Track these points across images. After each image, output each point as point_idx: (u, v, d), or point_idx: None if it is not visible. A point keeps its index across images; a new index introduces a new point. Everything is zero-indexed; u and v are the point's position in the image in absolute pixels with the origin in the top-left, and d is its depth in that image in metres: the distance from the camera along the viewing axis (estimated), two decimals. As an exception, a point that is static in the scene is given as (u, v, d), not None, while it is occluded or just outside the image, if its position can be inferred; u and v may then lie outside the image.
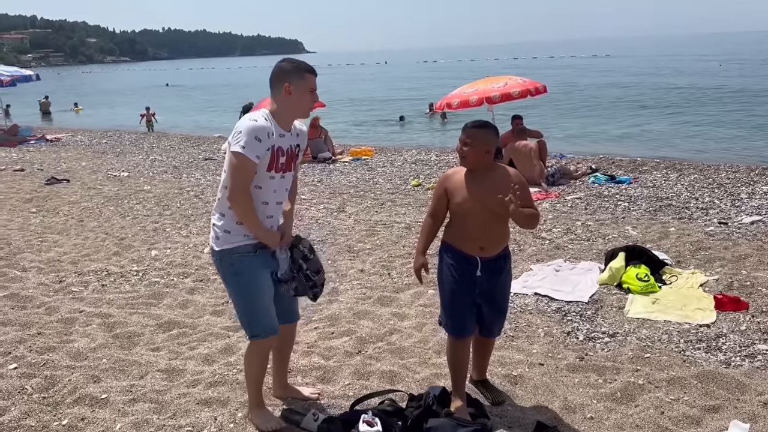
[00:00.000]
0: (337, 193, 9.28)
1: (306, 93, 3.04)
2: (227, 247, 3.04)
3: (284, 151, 3.05)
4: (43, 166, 12.60)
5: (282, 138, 3.03)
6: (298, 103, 3.04)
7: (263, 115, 2.98)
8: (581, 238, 6.66)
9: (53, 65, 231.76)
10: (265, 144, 2.91)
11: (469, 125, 3.18)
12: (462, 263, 3.23)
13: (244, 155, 2.87)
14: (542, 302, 4.97)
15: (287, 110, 3.04)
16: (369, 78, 58.01)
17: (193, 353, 4.14)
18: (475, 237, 3.18)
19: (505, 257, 3.32)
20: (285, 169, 3.09)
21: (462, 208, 3.17)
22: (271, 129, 2.95)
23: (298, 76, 3.01)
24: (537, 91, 10.08)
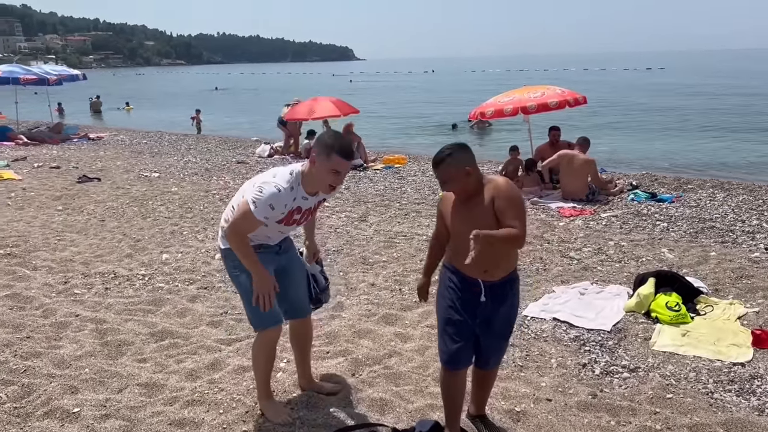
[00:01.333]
0: (361, 201, 9.03)
1: (327, 172, 2.95)
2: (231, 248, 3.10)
3: (303, 210, 3.10)
4: (79, 164, 12.74)
5: (305, 200, 3.07)
6: (318, 176, 2.99)
7: (293, 184, 2.98)
8: (612, 259, 6.23)
9: (112, 66, 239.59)
10: (278, 212, 2.97)
11: (436, 161, 2.86)
12: (464, 287, 2.94)
13: (253, 213, 2.92)
14: (560, 329, 4.59)
15: (311, 179, 3.02)
16: (412, 86, 57.82)
17: (179, 367, 3.92)
18: (475, 260, 2.84)
19: (512, 282, 3.00)
20: (299, 221, 3.16)
21: (456, 230, 2.92)
22: (290, 199, 2.98)
23: (326, 153, 2.92)
24: (576, 102, 9.66)
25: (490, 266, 2.87)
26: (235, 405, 3.44)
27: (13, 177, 10.99)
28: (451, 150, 2.83)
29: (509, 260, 2.97)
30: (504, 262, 2.93)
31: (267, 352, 3.26)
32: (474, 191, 2.85)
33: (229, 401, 3.48)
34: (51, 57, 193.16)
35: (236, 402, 3.47)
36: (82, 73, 19.69)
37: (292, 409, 3.42)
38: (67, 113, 27.89)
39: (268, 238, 3.17)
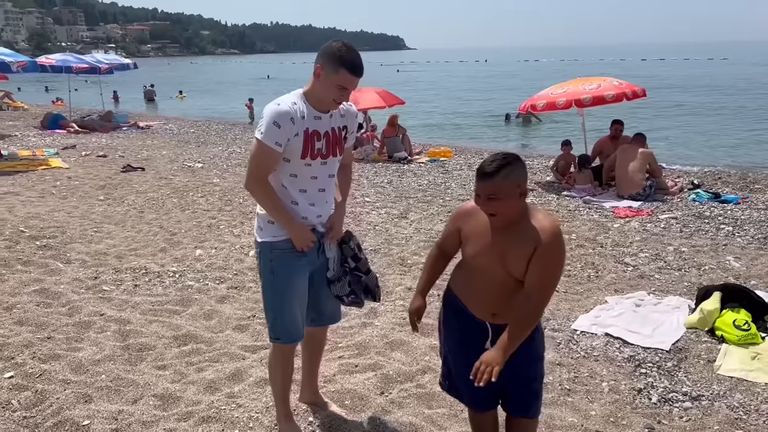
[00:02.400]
0: (403, 197, 8.70)
1: (332, 87, 2.65)
2: (268, 240, 2.82)
3: (321, 134, 2.74)
4: (126, 153, 12.80)
5: (318, 120, 2.73)
6: (322, 91, 2.68)
7: (294, 98, 2.70)
8: (671, 267, 5.74)
9: (169, 55, 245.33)
10: (287, 130, 2.62)
11: (488, 171, 2.22)
12: (468, 327, 2.48)
13: (262, 142, 2.62)
14: (613, 346, 4.18)
15: (315, 92, 2.71)
16: (463, 76, 56.90)
17: (199, 376, 3.70)
18: (486, 299, 2.41)
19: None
20: (327, 154, 2.79)
21: (476, 262, 2.41)
22: (297, 113, 2.65)
23: (333, 66, 2.61)
24: (634, 95, 9.07)
25: (500, 309, 2.39)
26: (252, 425, 3.18)
27: (60, 165, 11.09)
28: (507, 159, 2.23)
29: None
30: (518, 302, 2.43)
31: (283, 366, 2.99)
32: (515, 220, 2.30)
33: (246, 420, 3.22)
34: (111, 46, 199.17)
35: (254, 421, 3.21)
36: (133, 62, 19.91)
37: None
38: (122, 101, 28.45)
39: (303, 194, 2.76)
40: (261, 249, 2.84)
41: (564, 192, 8.93)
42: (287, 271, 2.80)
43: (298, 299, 2.85)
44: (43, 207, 8.09)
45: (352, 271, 2.96)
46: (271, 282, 2.83)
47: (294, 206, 2.78)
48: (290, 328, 2.87)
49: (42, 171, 10.61)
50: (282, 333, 2.88)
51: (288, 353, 2.97)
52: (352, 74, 2.61)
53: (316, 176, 2.79)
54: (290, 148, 2.66)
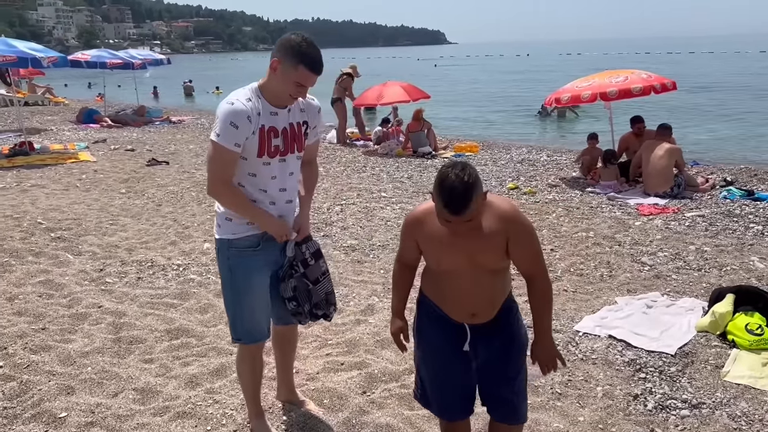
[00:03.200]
0: (420, 193, 8.57)
1: (289, 82, 2.53)
2: (226, 237, 2.73)
3: (278, 131, 2.63)
4: (153, 147, 12.97)
5: (274, 116, 2.62)
6: (278, 86, 2.56)
7: (247, 93, 2.58)
8: (691, 267, 5.48)
9: (212, 51, 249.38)
10: (245, 129, 2.51)
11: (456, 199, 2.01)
12: (445, 330, 2.36)
13: (220, 144, 2.50)
14: (614, 349, 4.00)
15: (271, 86, 2.59)
16: (501, 70, 56.18)
17: (183, 371, 3.67)
18: (463, 301, 2.28)
19: (505, 313, 2.35)
20: (285, 151, 2.68)
21: (443, 267, 2.27)
22: (252, 110, 2.53)
23: (291, 61, 2.49)
24: (663, 88, 8.73)
25: (479, 308, 2.29)
26: (225, 421, 3.13)
27: (88, 159, 11.30)
28: (468, 175, 2.03)
29: (504, 291, 2.36)
30: (499, 297, 2.33)
31: (250, 366, 2.91)
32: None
33: (220, 416, 3.17)
34: (156, 42, 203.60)
35: (227, 418, 3.16)
36: (167, 58, 20.20)
37: (285, 430, 3.06)
38: (162, 97, 28.95)
39: (263, 193, 2.65)
40: (219, 246, 2.76)
41: (588, 188, 8.67)
42: (245, 270, 2.71)
43: (258, 298, 2.76)
44: (65, 199, 8.23)
45: (301, 277, 2.78)
46: (229, 280, 2.75)
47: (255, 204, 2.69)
48: (251, 328, 2.78)
49: (70, 164, 10.83)
50: (242, 333, 2.80)
51: (254, 352, 2.88)
52: (311, 71, 2.50)
53: (276, 175, 2.68)
54: (247, 146, 2.56)
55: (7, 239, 6.32)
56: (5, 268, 5.45)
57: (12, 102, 18.14)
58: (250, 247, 2.69)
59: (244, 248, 2.69)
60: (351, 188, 8.87)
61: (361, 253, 5.96)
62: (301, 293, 2.79)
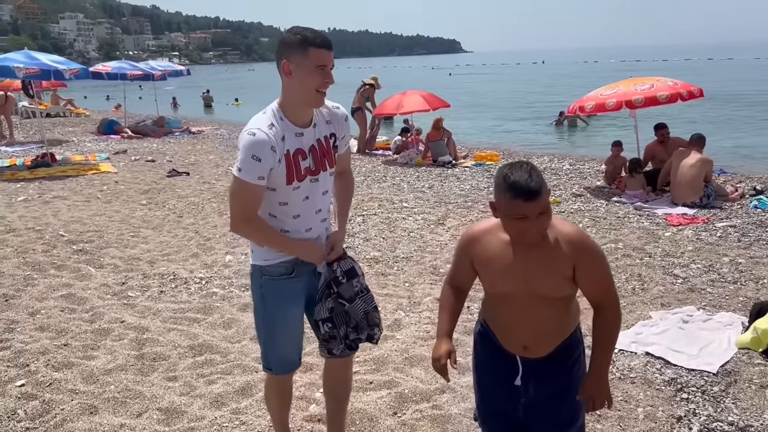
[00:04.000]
0: (443, 202, 8.45)
1: (312, 72, 2.31)
2: (258, 264, 2.56)
3: (306, 152, 2.43)
4: (174, 157, 12.99)
5: (300, 137, 2.41)
6: (302, 85, 2.34)
7: (269, 119, 2.36)
8: (726, 280, 5.30)
9: (230, 62, 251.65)
10: (268, 161, 2.30)
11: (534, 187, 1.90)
12: (499, 361, 2.23)
13: (243, 180, 2.30)
14: (653, 366, 3.84)
15: (292, 97, 2.38)
16: (517, 78, 55.96)
17: (208, 390, 3.57)
18: (516, 331, 2.15)
19: (565, 353, 2.17)
20: (317, 170, 2.49)
21: (497, 289, 2.15)
22: (276, 137, 2.32)
23: (300, 51, 2.30)
24: (690, 95, 8.55)
25: (532, 341, 2.13)
26: (252, 444, 3.03)
27: (109, 170, 11.33)
28: (530, 169, 1.94)
29: (560, 331, 2.16)
30: (556, 332, 2.15)
31: (278, 396, 2.80)
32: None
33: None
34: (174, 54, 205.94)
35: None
36: (187, 69, 20.34)
37: (315, 455, 2.96)
38: (181, 107, 29.16)
39: (296, 219, 2.47)
40: (252, 272, 2.61)
41: (614, 198, 8.50)
42: (278, 299, 2.55)
43: (291, 328, 2.61)
44: (87, 211, 8.22)
45: (336, 297, 2.59)
46: (261, 309, 2.60)
47: (285, 233, 2.49)
48: (282, 358, 2.64)
49: (91, 175, 10.86)
50: (274, 363, 2.66)
51: (283, 382, 2.76)
52: (323, 47, 2.31)
53: (308, 196, 2.49)
54: (274, 176, 2.35)
55: (29, 252, 6.30)
56: (28, 282, 5.41)
57: (34, 114, 18.34)
58: (284, 275, 2.52)
59: (277, 276, 2.52)
60: (372, 198, 8.78)
61: (384, 266, 5.85)
62: (337, 314, 2.59)
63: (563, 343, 2.15)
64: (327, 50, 2.33)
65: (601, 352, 2.13)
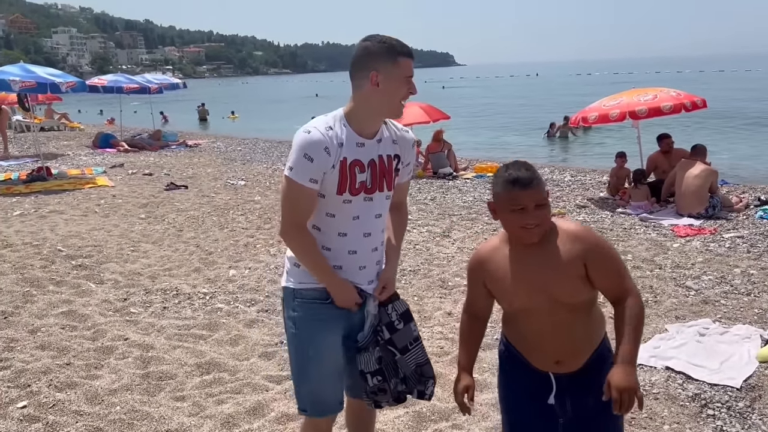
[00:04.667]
0: (447, 214, 8.36)
1: (401, 82, 2.18)
2: (291, 286, 2.34)
3: (365, 165, 2.24)
4: (171, 171, 12.87)
5: (360, 148, 2.23)
6: (389, 96, 2.19)
7: (329, 122, 2.21)
8: (739, 291, 5.22)
9: (224, 76, 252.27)
10: (322, 163, 2.14)
11: (527, 177, 1.94)
12: (528, 380, 2.12)
13: (294, 180, 2.16)
14: (675, 381, 3.74)
15: (371, 107, 2.22)
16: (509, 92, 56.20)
17: (217, 410, 3.44)
18: (546, 347, 2.05)
19: (598, 362, 2.06)
20: (372, 188, 2.28)
21: (516, 306, 2.07)
22: (333, 141, 2.16)
23: (391, 60, 2.16)
24: (694, 106, 8.52)
25: (564, 355, 2.05)
26: (267, 468, 2.90)
27: (106, 184, 11.20)
28: (527, 164, 2.01)
29: (590, 335, 2.08)
30: (585, 342, 2.07)
31: None
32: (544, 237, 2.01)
33: (262, 462, 2.94)
34: (168, 68, 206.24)
35: (269, 464, 2.93)
36: (183, 82, 20.27)
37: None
38: (175, 121, 29.03)
39: (342, 238, 2.27)
40: (284, 296, 2.39)
41: (619, 209, 8.43)
42: (312, 326, 2.30)
43: (327, 362, 2.32)
44: (85, 225, 8.09)
45: (386, 344, 2.35)
46: (293, 337, 2.35)
47: (325, 252, 2.28)
48: (317, 398, 2.35)
49: (88, 189, 10.73)
50: (308, 403, 2.36)
51: (321, 427, 2.42)
52: (411, 58, 2.23)
53: (359, 215, 2.28)
54: (325, 181, 2.19)
55: (27, 267, 6.16)
56: (27, 299, 5.27)
57: (28, 128, 18.21)
58: (318, 299, 2.29)
59: (311, 300, 2.30)
60: (374, 211, 8.68)
61: (391, 279, 5.73)
62: (387, 365, 2.34)
63: (594, 353, 2.07)
64: (413, 60, 2.23)
65: (626, 340, 1.92)
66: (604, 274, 1.99)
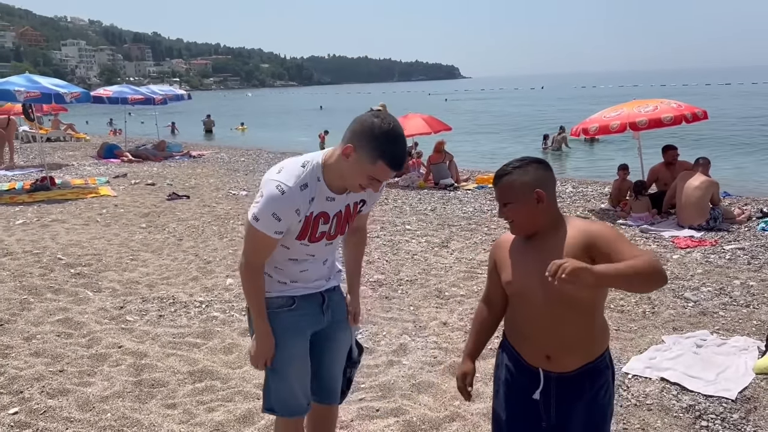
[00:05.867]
0: (446, 225, 8.35)
1: (362, 175, 2.14)
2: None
3: (330, 217, 2.28)
4: (174, 181, 12.92)
5: (330, 202, 2.25)
6: (349, 175, 2.16)
7: (305, 177, 2.17)
8: (738, 303, 5.19)
9: (230, 88, 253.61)
10: (288, 221, 2.17)
11: (499, 173, 2.04)
12: (519, 376, 2.12)
13: (258, 231, 2.17)
14: (669, 393, 3.71)
15: (338, 172, 2.19)
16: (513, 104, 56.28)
17: (207, 417, 3.43)
18: (535, 338, 2.05)
19: (591, 374, 2.05)
20: (334, 235, 2.36)
21: (513, 288, 2.08)
22: (305, 200, 2.16)
23: (370, 154, 2.08)
24: (695, 117, 8.52)
25: (554, 350, 2.02)
26: (254, 475, 2.89)
27: (108, 193, 11.24)
28: (521, 163, 2.03)
29: (591, 339, 2.05)
30: (582, 344, 2.03)
31: None
32: (544, 227, 2.01)
33: (249, 470, 2.93)
34: (175, 80, 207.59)
35: (256, 472, 2.91)
36: (188, 93, 20.37)
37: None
38: (181, 132, 29.14)
39: (304, 273, 2.37)
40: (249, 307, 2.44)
41: (619, 220, 8.41)
42: (280, 332, 2.36)
43: (296, 363, 2.40)
44: (86, 234, 8.11)
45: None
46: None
47: (293, 284, 2.39)
48: (286, 397, 2.42)
49: (90, 199, 10.77)
50: (275, 402, 2.43)
51: (291, 428, 2.49)
52: (391, 168, 2.12)
53: (314, 254, 2.38)
54: (288, 232, 2.23)
55: (26, 275, 6.18)
56: (24, 306, 5.28)
57: (35, 138, 18.33)
58: (284, 306, 2.37)
59: (277, 308, 2.36)
60: (374, 221, 8.69)
61: (388, 289, 5.73)
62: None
63: (590, 364, 2.04)
64: (393, 170, 2.14)
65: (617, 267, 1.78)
66: (615, 251, 1.88)
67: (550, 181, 2.06)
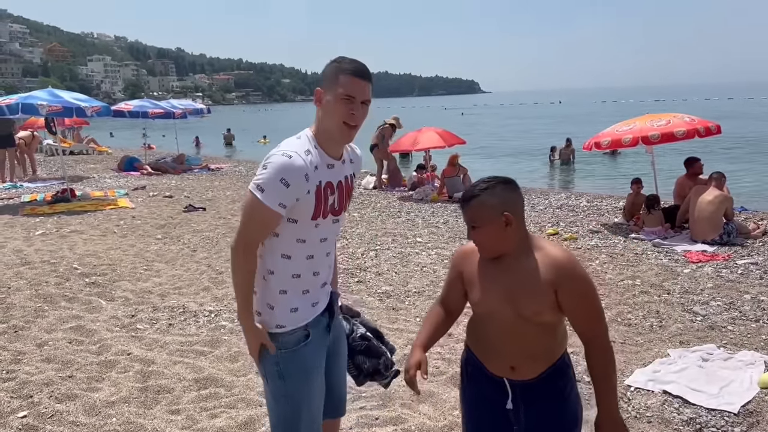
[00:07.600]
0: (457, 238, 8.38)
1: (337, 103, 2.09)
2: (271, 332, 2.20)
3: (334, 187, 2.21)
4: (191, 193, 13.10)
5: (331, 170, 2.19)
6: (330, 115, 2.12)
7: (306, 145, 2.14)
8: (747, 318, 5.15)
9: (252, 103, 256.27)
10: (297, 189, 2.06)
11: (465, 196, 2.04)
12: (486, 387, 2.15)
13: (261, 202, 2.04)
14: (671, 406, 3.70)
15: (324, 128, 2.16)
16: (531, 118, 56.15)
17: (210, 423, 3.50)
18: (501, 351, 2.08)
19: (554, 375, 2.08)
20: (339, 210, 2.27)
21: (482, 307, 2.10)
22: (312, 166, 2.09)
23: (332, 78, 2.10)
24: (708, 132, 8.46)
25: (519, 361, 2.06)
26: (251, 480, 2.94)
27: (127, 205, 11.44)
28: (488, 184, 2.02)
29: (548, 352, 2.08)
30: (546, 354, 2.08)
31: None
32: (513, 249, 2.02)
33: (246, 475, 2.98)
34: (198, 95, 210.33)
35: (254, 476, 2.96)
36: (207, 107, 20.69)
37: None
38: (203, 145, 29.55)
39: (309, 261, 2.21)
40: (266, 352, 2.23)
41: (632, 234, 8.37)
42: (303, 370, 2.18)
43: (318, 398, 2.26)
44: (102, 245, 8.27)
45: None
46: (282, 391, 2.21)
47: (295, 280, 2.21)
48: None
49: (109, 210, 10.97)
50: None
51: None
52: (353, 75, 2.07)
53: (326, 237, 2.25)
54: (299, 208, 2.10)
55: (42, 284, 6.32)
56: (38, 314, 5.41)
57: (58, 151, 18.71)
58: (301, 342, 2.20)
59: (294, 346, 2.19)
60: (386, 233, 8.74)
61: (396, 300, 5.77)
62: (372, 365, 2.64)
63: (551, 366, 2.08)
64: (360, 79, 2.10)
65: (606, 389, 2.05)
66: (575, 309, 2.00)
67: (519, 202, 2.05)
